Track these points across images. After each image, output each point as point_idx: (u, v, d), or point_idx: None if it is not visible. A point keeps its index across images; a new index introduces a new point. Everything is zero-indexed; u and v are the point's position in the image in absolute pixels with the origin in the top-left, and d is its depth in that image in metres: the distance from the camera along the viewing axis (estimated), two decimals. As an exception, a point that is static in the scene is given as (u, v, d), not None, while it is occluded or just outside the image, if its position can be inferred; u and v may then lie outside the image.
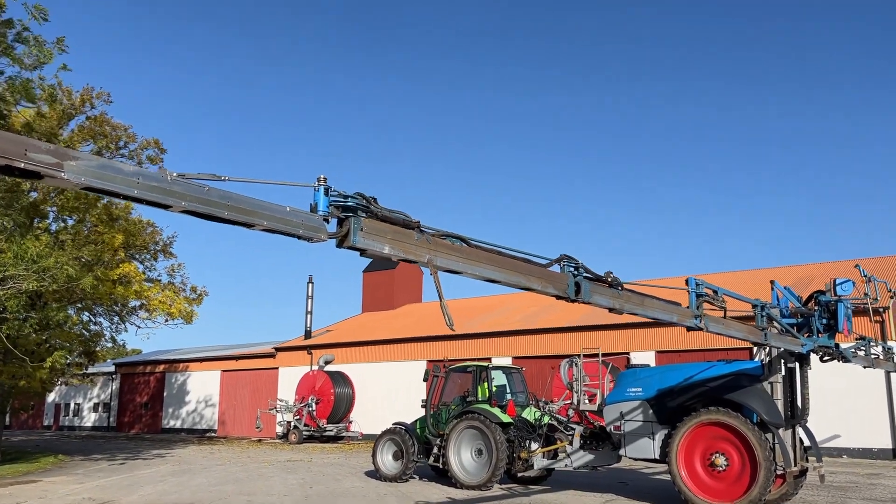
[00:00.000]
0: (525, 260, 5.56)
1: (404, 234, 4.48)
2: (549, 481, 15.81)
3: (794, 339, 10.74)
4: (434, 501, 12.60)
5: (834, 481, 16.84)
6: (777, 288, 12.15)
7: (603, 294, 6.35)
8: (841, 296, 11.51)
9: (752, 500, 11.17)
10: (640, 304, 6.93)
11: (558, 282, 5.82)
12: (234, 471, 18.06)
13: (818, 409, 24.38)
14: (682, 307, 7.79)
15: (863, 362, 13.31)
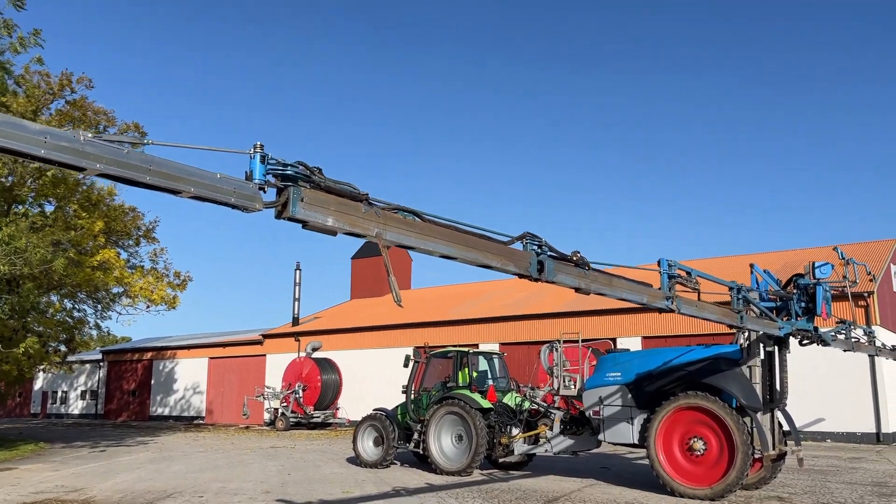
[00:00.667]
0: (484, 236, 5.40)
1: (351, 206, 4.29)
2: (530, 467, 15.74)
3: (772, 322, 10.65)
4: (412, 487, 12.49)
5: (815, 465, 16.83)
6: (756, 271, 12.05)
7: (568, 273, 6.21)
8: (819, 279, 11.40)
9: (728, 484, 11.10)
10: (608, 285, 6.79)
11: (519, 259, 5.67)
12: (215, 458, 17.93)
13: (802, 394, 24.53)
14: (653, 288, 7.66)
15: (843, 346, 13.26)
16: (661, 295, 7.75)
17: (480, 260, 5.27)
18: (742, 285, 9.91)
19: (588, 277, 6.45)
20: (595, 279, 6.59)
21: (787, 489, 12.54)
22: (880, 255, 28.96)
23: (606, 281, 6.78)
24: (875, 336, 15.60)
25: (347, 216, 4.23)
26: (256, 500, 10.99)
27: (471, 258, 5.19)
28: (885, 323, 25.49)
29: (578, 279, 6.32)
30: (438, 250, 4.91)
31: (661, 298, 7.72)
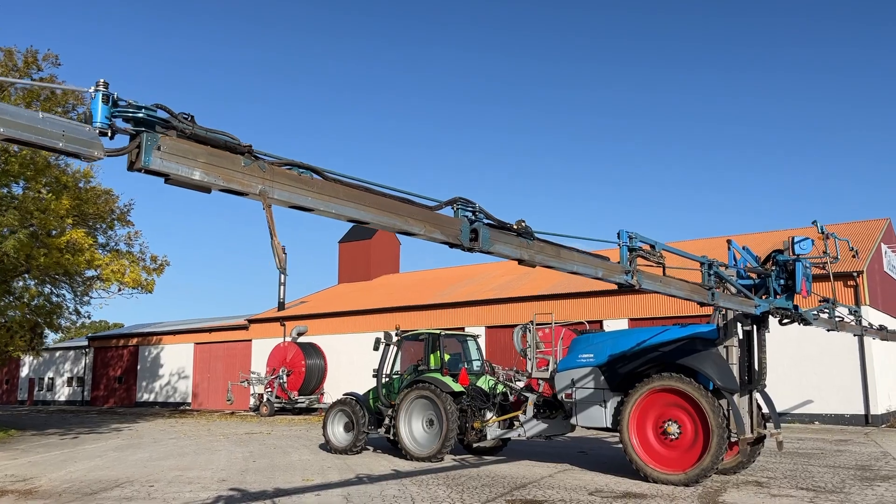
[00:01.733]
0: (407, 200, 4.85)
1: (227, 158, 3.71)
2: (505, 451, 15.30)
3: (747, 299, 10.14)
4: (376, 474, 12.02)
5: (800, 448, 16.42)
6: (734, 247, 11.53)
7: (507, 243, 5.66)
8: (799, 255, 10.89)
9: (703, 469, 10.64)
10: (556, 256, 6.26)
11: (448, 226, 5.12)
12: (185, 445, 17.45)
13: (789, 376, 24.14)
14: (610, 261, 7.13)
15: (825, 325, 12.77)
16: (620, 269, 7.23)
17: (399, 226, 4.72)
18: (714, 260, 9.39)
19: (532, 248, 5.91)
20: (541, 250, 6.06)
21: (767, 473, 12.10)
22: (870, 235, 28.49)
23: (554, 252, 6.25)
24: (861, 315, 15.10)
25: (221, 169, 3.66)
26: (209, 489, 10.50)
27: (387, 223, 4.64)
28: (874, 303, 25.06)
29: (520, 249, 5.78)
30: (345, 213, 4.35)
31: (619, 272, 7.20)
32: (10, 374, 55.37)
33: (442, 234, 5.04)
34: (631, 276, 7.29)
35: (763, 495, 9.96)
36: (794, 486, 10.80)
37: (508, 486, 10.75)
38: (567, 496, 9.89)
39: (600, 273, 6.89)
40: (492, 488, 10.59)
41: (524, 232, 5.81)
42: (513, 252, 5.71)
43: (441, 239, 5.04)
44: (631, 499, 9.73)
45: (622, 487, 10.65)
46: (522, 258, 5.83)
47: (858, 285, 24.19)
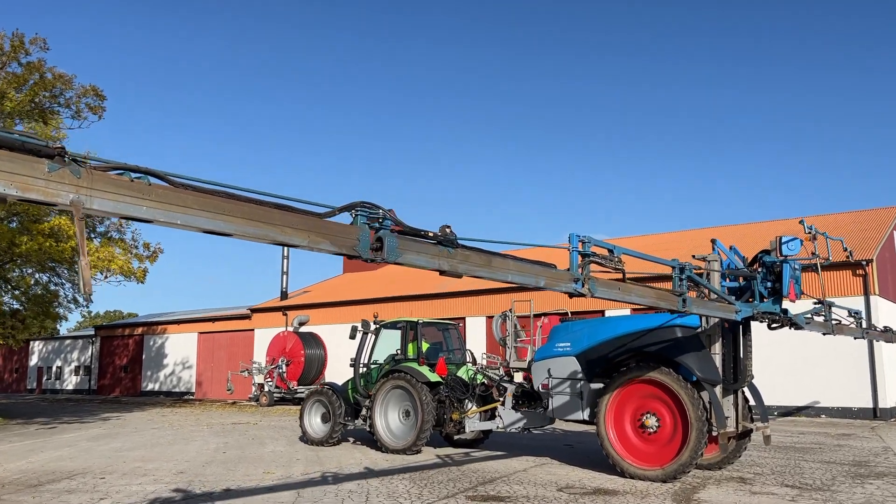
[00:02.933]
0: (284, 207, 4.30)
1: (27, 162, 3.21)
2: (488, 444, 14.79)
3: (727, 305, 9.51)
4: (342, 468, 11.54)
5: (798, 443, 15.77)
6: (719, 247, 10.88)
7: (422, 252, 5.08)
8: (787, 255, 10.23)
9: (681, 465, 10.05)
10: (486, 265, 5.65)
11: (342, 235, 4.53)
12: (163, 435, 17.08)
13: (795, 368, 23.37)
14: (556, 269, 6.52)
15: (820, 329, 12.09)
16: (568, 276, 6.58)
17: (274, 237, 4.11)
18: (686, 264, 8.75)
19: (454, 257, 5.29)
20: (466, 259, 5.44)
21: (755, 469, 11.49)
22: (881, 223, 27.60)
23: (483, 261, 5.64)
24: (861, 317, 14.31)
25: (17, 177, 3.13)
26: (161, 481, 10.07)
27: (257, 234, 4.01)
28: (884, 293, 24.23)
29: (438, 259, 5.17)
30: (196, 224, 3.73)
31: (566, 281, 6.55)
32: (20, 363, 55.62)
33: (332, 245, 4.45)
34: (581, 283, 6.66)
35: (742, 493, 9.37)
36: (779, 482, 10.19)
37: (476, 481, 10.22)
38: (533, 492, 9.35)
39: (542, 282, 6.28)
40: (457, 483, 10.07)
41: (445, 240, 5.23)
42: (428, 262, 5.13)
43: (331, 249, 4.45)
44: (600, 495, 9.17)
45: (595, 483, 10.09)
46: (442, 268, 5.25)
47: (868, 274, 23.36)
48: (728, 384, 10.76)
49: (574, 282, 6.67)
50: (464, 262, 5.46)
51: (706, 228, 35.85)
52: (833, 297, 23.70)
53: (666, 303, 8.20)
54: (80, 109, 22.93)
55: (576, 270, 6.77)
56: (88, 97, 23.04)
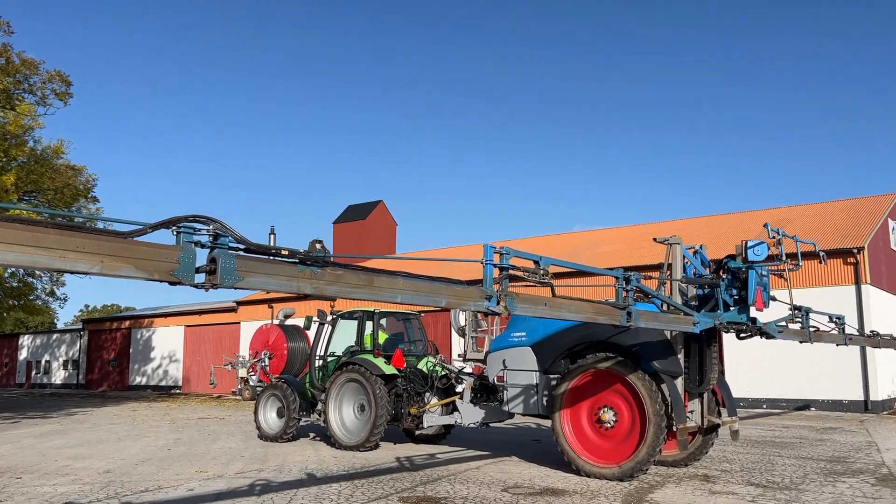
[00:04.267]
0: (72, 227, 3.55)
1: None
2: (451, 439, 14.12)
3: (683, 317, 8.78)
4: (281, 465, 10.87)
5: (779, 437, 15.07)
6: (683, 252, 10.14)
7: (273, 274, 4.32)
8: (753, 261, 9.50)
9: (639, 462, 9.35)
10: (367, 285, 4.89)
11: (155, 258, 3.73)
12: (117, 431, 16.44)
13: (784, 360, 22.58)
14: (462, 287, 5.78)
15: (796, 337, 11.39)
16: (478, 294, 5.82)
17: (48, 263, 3.36)
18: (633, 274, 8.02)
19: (321, 277, 4.56)
20: (337, 279, 4.70)
21: (724, 466, 10.80)
22: (874, 210, 26.82)
23: (363, 281, 4.89)
24: (844, 322, 13.53)
25: None
26: (80, 481, 9.41)
27: (20, 261, 3.26)
28: (876, 282, 23.47)
29: (298, 281, 4.42)
30: None
31: (476, 298, 5.80)
32: (10, 357, 55.13)
33: (138, 269, 3.64)
34: (496, 300, 5.91)
35: (701, 493, 8.67)
36: (745, 481, 9.49)
37: (419, 480, 9.54)
38: (475, 492, 8.66)
39: (444, 301, 5.52)
40: (399, 482, 9.39)
41: (308, 258, 4.48)
42: (283, 285, 4.36)
43: (137, 275, 3.64)
44: (545, 496, 8.48)
45: (547, 483, 9.39)
46: (303, 291, 4.49)
47: (859, 262, 22.61)
48: (691, 387, 10.07)
49: (486, 299, 5.87)
50: (334, 283, 4.67)
51: (699, 217, 35.10)
52: (823, 286, 23.00)
53: (606, 317, 7.46)
54: (45, 95, 22.25)
55: (489, 286, 5.99)
56: (54, 83, 22.36)
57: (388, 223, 46.92)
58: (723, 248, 26.62)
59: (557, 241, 36.88)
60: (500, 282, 6.09)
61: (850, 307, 22.45)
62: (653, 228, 35.23)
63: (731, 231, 29.40)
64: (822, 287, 22.88)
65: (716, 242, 28.44)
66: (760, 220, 30.24)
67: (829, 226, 26.57)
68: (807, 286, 23.14)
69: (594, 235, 35.54)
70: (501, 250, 6.30)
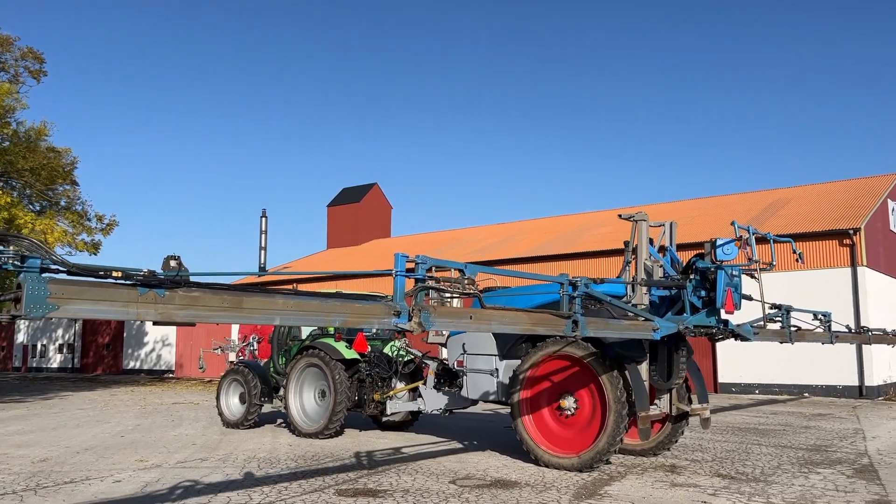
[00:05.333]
0: None
1: None
2: (420, 426, 13.62)
3: (641, 323, 8.19)
4: (233, 454, 10.38)
5: (763, 424, 14.53)
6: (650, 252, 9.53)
7: (101, 300, 3.69)
8: (722, 261, 8.89)
9: (599, 452, 8.81)
10: (234, 307, 4.25)
11: None
12: (81, 416, 15.99)
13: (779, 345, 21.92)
14: (361, 303, 5.17)
15: (775, 338, 10.83)
16: (384, 309, 5.25)
17: None
18: (580, 279, 7.41)
19: (170, 301, 3.92)
20: (192, 302, 4.06)
21: (696, 455, 10.27)
22: (873, 191, 26.09)
23: (229, 302, 4.21)
24: (830, 319, 12.89)
25: None
26: (9, 471, 8.92)
27: None
28: (873, 263, 22.79)
29: (137, 307, 3.80)
30: None
31: (382, 314, 5.24)
32: (7, 341, 54.97)
33: None
34: (406, 317, 5.32)
35: (661, 485, 8.12)
36: (713, 472, 8.95)
37: (366, 471, 9.03)
38: (420, 484, 8.13)
39: (338, 321, 4.95)
40: (343, 472, 8.87)
41: (152, 280, 3.85)
42: (117, 311, 3.77)
43: None
44: (493, 489, 7.94)
45: (501, 473, 8.86)
46: (146, 318, 3.89)
47: (855, 244, 21.94)
48: (659, 382, 9.50)
49: (395, 315, 5.27)
50: (188, 307, 4.05)
51: (694, 199, 34.41)
52: (817, 268, 22.36)
53: (546, 328, 6.87)
54: (18, 73, 21.71)
55: (399, 300, 5.39)
56: (27, 60, 21.81)
57: (382, 206, 46.35)
58: (717, 231, 25.98)
59: (550, 224, 36.29)
60: (414, 295, 5.49)
61: (846, 290, 21.83)
62: (646, 210, 34.57)
63: (727, 213, 28.72)
64: (816, 270, 22.24)
65: (712, 225, 27.80)
66: (757, 202, 29.62)
67: (826, 207, 25.87)
68: (800, 269, 22.50)
69: (586, 218, 34.88)
70: (416, 259, 5.71)
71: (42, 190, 23.84)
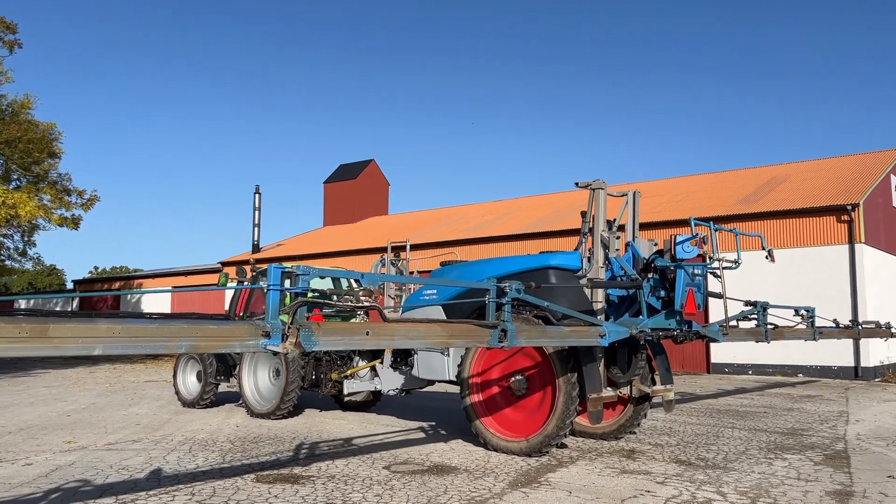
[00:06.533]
0: None
1: None
2: (385, 406, 13.11)
3: (584, 328, 7.54)
4: (170, 435, 9.89)
5: (745, 405, 13.94)
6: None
7: None
8: (682, 259, 8.21)
9: (548, 436, 8.23)
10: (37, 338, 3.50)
11: None
12: (39, 394, 15.55)
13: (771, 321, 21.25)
14: (216, 324, 4.46)
15: (748, 337, 10.28)
16: (247, 330, 4.56)
17: None
18: (510, 283, 6.74)
19: None
20: None
21: (662, 439, 9.70)
22: (873, 167, 25.21)
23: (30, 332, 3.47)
24: (814, 314, 12.22)
25: None
26: (-79, 453, 8.46)
27: None
28: (873, 241, 22.00)
29: None
30: None
31: (244, 335, 4.55)
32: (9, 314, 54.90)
33: None
34: (279, 337, 4.66)
35: (609, 472, 7.54)
36: (672, 458, 8.37)
37: (301, 455, 8.51)
38: (351, 470, 7.59)
39: (183, 347, 4.26)
40: (275, 456, 8.35)
41: None
42: None
43: None
44: (428, 475, 7.39)
45: (443, 458, 8.31)
46: None
47: (853, 220, 21.13)
48: (617, 375, 8.90)
49: (263, 336, 4.59)
50: None
51: (692, 176, 33.59)
52: (812, 246, 21.62)
53: (466, 340, 6.22)
54: (-11, 43, 21.12)
55: (272, 318, 4.72)
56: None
57: (380, 182, 45.69)
58: (712, 209, 25.22)
59: (545, 200, 35.61)
60: (292, 311, 4.83)
61: (843, 268, 21.09)
62: (642, 187, 33.78)
63: (723, 190, 27.92)
64: (810, 247, 21.52)
65: (708, 201, 27.02)
66: (755, 178, 28.76)
67: (825, 183, 25.02)
68: (795, 246, 21.78)
69: (582, 195, 34.11)
70: (295, 270, 5.01)
71: (20, 163, 23.33)
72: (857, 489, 6.89)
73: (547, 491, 6.71)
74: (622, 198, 9.50)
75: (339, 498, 6.38)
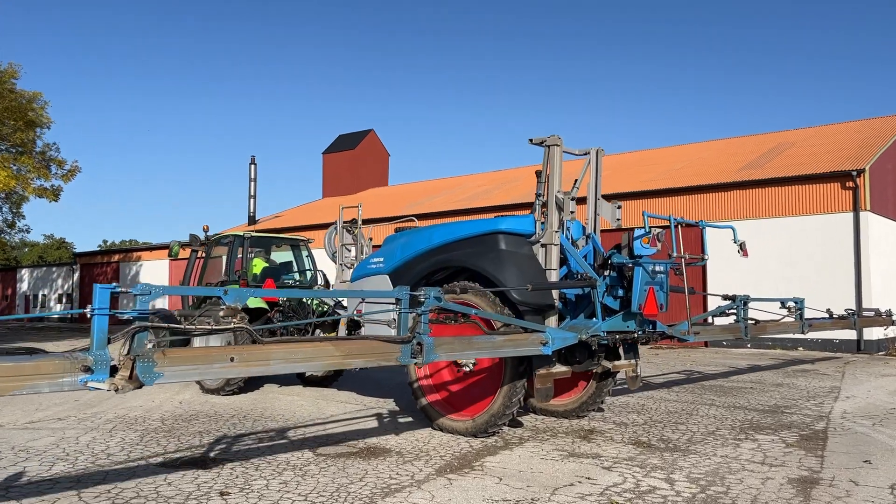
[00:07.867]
0: None
1: None
2: (342, 381, 12.49)
3: (523, 335, 6.80)
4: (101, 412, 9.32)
5: (733, 380, 13.21)
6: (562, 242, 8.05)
7: None
8: (640, 255, 7.41)
9: (493, 416, 7.56)
10: None
11: None
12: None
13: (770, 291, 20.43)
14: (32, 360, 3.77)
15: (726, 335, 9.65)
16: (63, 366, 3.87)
17: None
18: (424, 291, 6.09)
19: None
20: None
21: (629, 417, 9.04)
22: (881, 132, 24.11)
23: None
24: (803, 306, 11.41)
25: None
26: None
27: None
28: (879, 208, 21.03)
29: None
30: None
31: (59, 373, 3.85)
32: (11, 291, 54.93)
33: None
34: (105, 372, 3.97)
35: (555, 455, 6.86)
36: (632, 438, 7.67)
37: (230, 435, 7.89)
38: (270, 453, 6.96)
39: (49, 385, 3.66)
40: (201, 437, 7.74)
41: None
42: None
43: None
44: (355, 458, 6.75)
45: (378, 440, 7.66)
46: None
47: (858, 187, 20.14)
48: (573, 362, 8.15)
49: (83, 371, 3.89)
50: None
51: (697, 143, 32.53)
52: (815, 213, 20.71)
53: (366, 359, 5.50)
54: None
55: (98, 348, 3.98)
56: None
57: (380, 153, 44.87)
58: (713, 176, 24.26)
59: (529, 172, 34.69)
60: (127, 339, 4.16)
61: (846, 237, 20.16)
62: (644, 155, 32.77)
63: (728, 158, 26.92)
64: (813, 215, 20.59)
65: (711, 167, 26.07)
66: (760, 145, 27.71)
67: (831, 148, 23.97)
68: (796, 214, 20.87)
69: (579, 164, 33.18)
70: (132, 290, 4.26)
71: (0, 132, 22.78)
72: (825, 476, 6.17)
73: (475, 478, 6.04)
74: (584, 157, 8.71)
75: (238, 485, 5.74)
